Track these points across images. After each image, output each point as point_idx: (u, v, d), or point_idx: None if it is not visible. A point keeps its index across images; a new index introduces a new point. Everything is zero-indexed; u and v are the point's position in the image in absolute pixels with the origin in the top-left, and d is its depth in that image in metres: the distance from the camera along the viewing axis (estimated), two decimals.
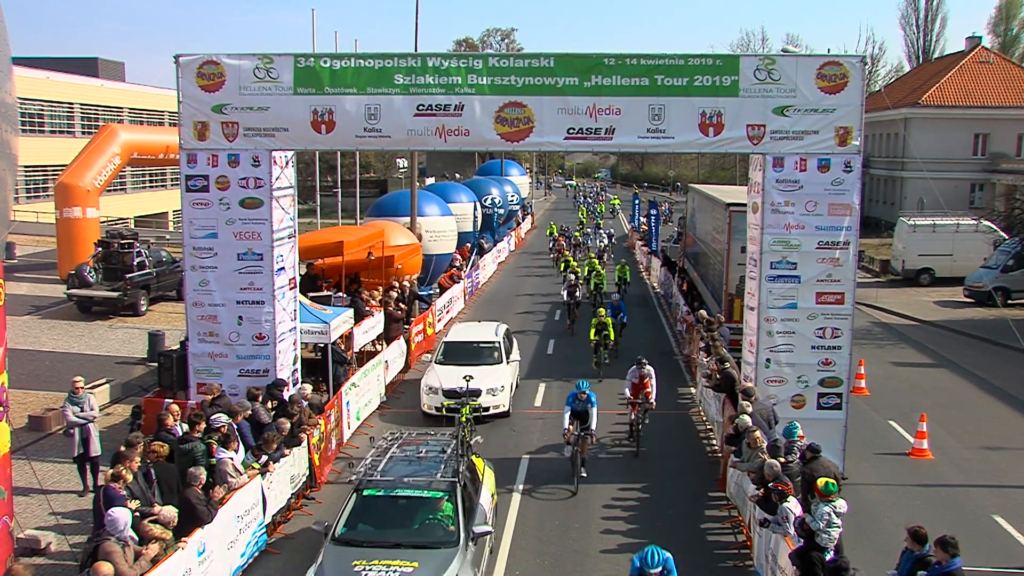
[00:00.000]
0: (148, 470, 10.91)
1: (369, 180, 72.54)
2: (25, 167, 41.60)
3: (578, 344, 22.01)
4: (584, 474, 14.60)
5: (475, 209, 36.60)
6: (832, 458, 12.82)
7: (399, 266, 24.36)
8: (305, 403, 14.22)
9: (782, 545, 10.08)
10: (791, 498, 10.33)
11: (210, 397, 13.51)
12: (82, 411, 13.51)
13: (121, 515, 9.11)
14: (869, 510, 13.32)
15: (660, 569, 8.94)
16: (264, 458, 12.00)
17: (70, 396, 13.57)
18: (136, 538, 9.34)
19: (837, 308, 14.34)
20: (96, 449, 13.55)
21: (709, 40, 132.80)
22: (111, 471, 10.39)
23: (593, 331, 21.33)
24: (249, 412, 13.17)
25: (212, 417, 12.32)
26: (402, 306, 22.58)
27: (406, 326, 21.95)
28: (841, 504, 9.88)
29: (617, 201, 76.03)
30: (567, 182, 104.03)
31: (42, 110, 45.44)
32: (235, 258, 14.54)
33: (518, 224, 53.32)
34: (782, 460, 11.36)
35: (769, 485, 10.65)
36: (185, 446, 11.63)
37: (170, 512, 9.84)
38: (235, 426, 12.47)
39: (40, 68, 45.01)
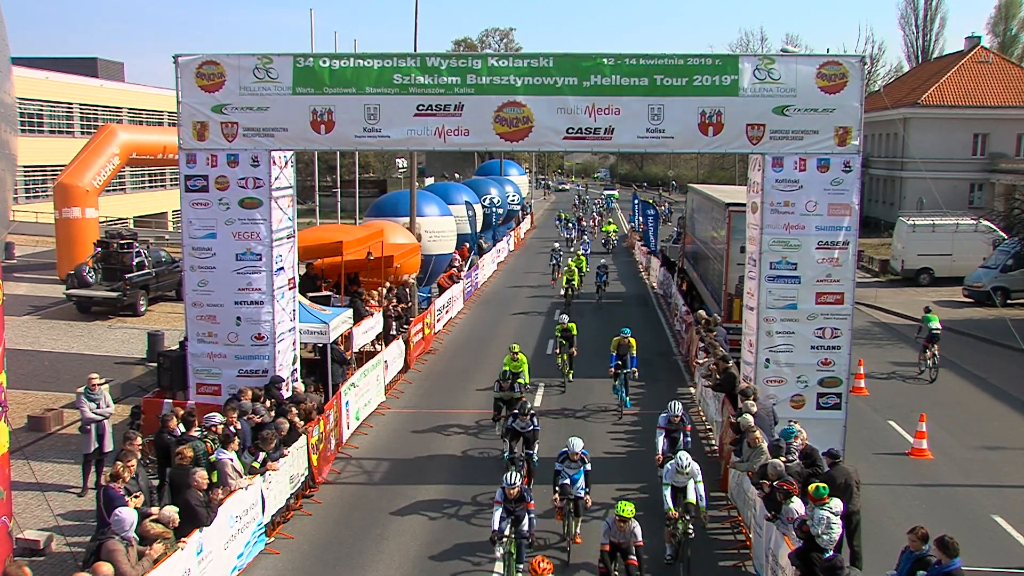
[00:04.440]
0: (159, 470, 10.92)
1: (368, 180, 72.59)
2: (24, 167, 41.62)
3: (580, 345, 21.99)
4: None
5: (467, 209, 36.40)
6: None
7: (398, 266, 24.36)
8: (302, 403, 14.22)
9: (782, 545, 10.08)
10: (795, 498, 10.33)
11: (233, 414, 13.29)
12: (98, 407, 13.51)
13: (127, 515, 9.15)
14: (869, 510, 13.26)
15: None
16: (261, 456, 12.00)
17: (86, 392, 13.55)
18: (138, 538, 9.34)
19: (837, 308, 14.33)
20: (109, 445, 13.56)
21: (708, 40, 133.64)
22: (110, 471, 10.40)
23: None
24: (250, 413, 13.15)
25: (205, 416, 12.33)
26: (402, 306, 22.60)
27: (405, 326, 21.94)
28: (836, 504, 9.89)
29: (613, 227, 54.20)
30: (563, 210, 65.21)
31: (41, 110, 45.43)
32: (234, 258, 14.53)
33: (517, 224, 53.30)
34: (783, 460, 11.38)
35: (774, 484, 10.65)
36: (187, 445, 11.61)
37: (169, 511, 9.84)
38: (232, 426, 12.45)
39: (39, 68, 45.01)
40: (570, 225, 53.79)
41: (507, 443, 14.18)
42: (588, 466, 12.25)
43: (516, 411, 14.41)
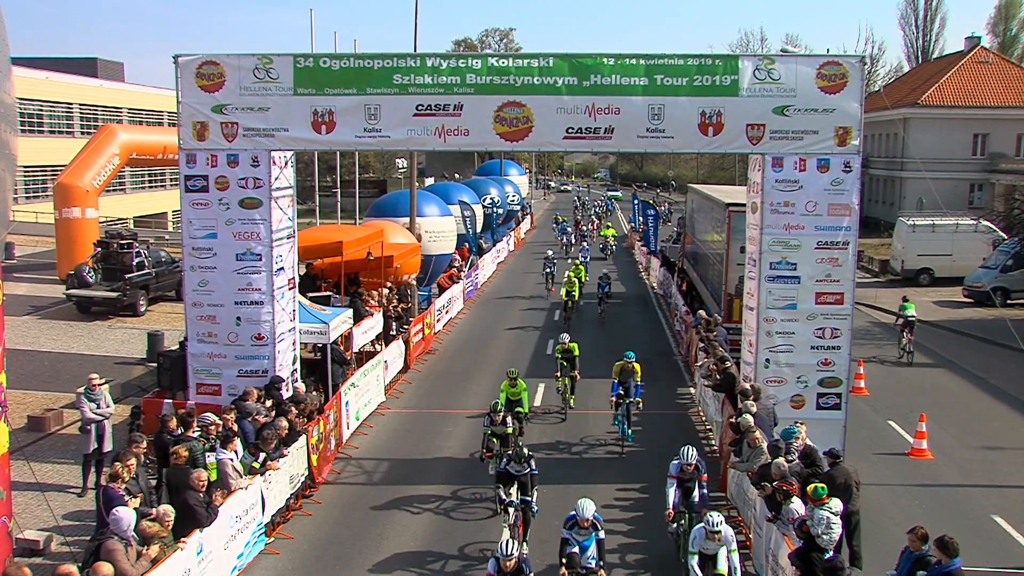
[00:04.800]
0: (158, 470, 10.92)
1: (368, 180, 72.60)
2: (24, 167, 41.60)
3: (580, 344, 21.98)
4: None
5: (464, 210, 36.33)
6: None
7: (398, 266, 24.36)
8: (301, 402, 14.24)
9: (782, 545, 10.08)
10: (795, 498, 10.34)
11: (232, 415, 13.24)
12: (98, 407, 13.50)
13: (125, 515, 9.13)
14: (869, 510, 13.27)
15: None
16: (262, 456, 12.00)
17: (87, 392, 13.52)
18: (137, 538, 9.34)
19: (836, 308, 14.34)
20: (109, 445, 13.53)
21: (708, 40, 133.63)
22: (110, 471, 10.39)
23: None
24: (254, 414, 13.16)
25: (199, 415, 12.33)
26: (402, 306, 22.59)
27: (405, 326, 21.94)
28: (836, 504, 9.88)
29: (612, 232, 48.62)
30: (561, 217, 55.57)
31: (41, 110, 45.43)
32: (234, 258, 14.53)
33: (517, 224, 53.30)
34: (782, 459, 11.37)
35: (774, 484, 10.65)
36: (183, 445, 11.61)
37: (164, 509, 9.83)
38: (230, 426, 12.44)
39: (39, 68, 45.01)
40: (568, 229, 49.82)
41: (500, 489, 12.19)
42: (601, 533, 10.36)
43: (510, 452, 12.44)
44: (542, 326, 27.62)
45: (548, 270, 34.05)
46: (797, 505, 10.25)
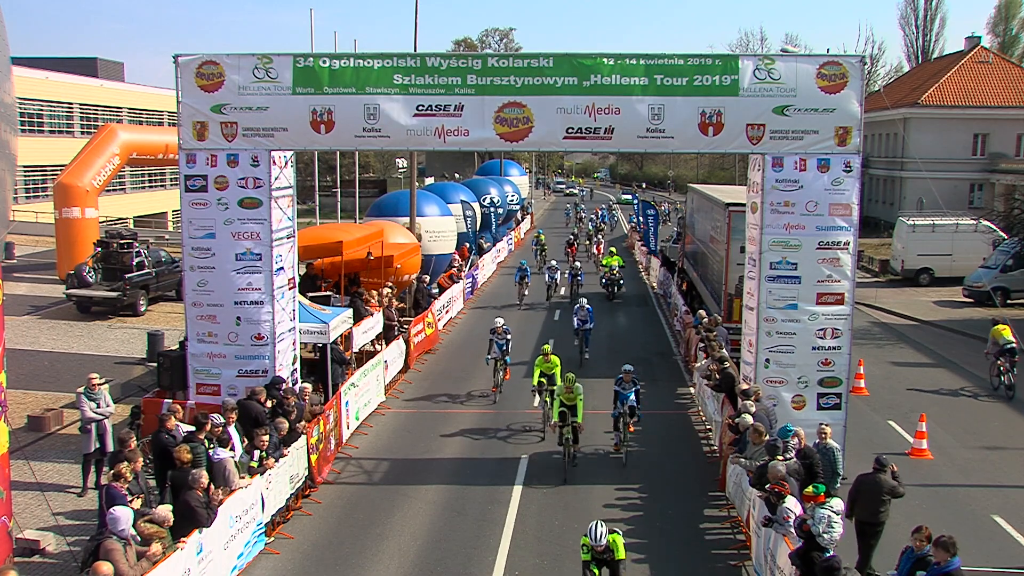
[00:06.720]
0: (156, 470, 10.92)
1: (368, 180, 72.60)
2: (24, 167, 41.63)
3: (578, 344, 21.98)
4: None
5: (464, 209, 36.20)
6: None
7: (398, 266, 24.36)
8: (305, 400, 14.24)
9: (781, 545, 10.08)
10: (789, 498, 10.34)
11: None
12: (99, 407, 13.49)
13: (122, 514, 9.11)
14: None
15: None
16: (257, 454, 11.98)
17: (86, 391, 13.50)
18: (138, 538, 9.33)
19: (837, 308, 14.33)
20: (110, 445, 13.49)
21: (708, 40, 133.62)
22: (112, 471, 10.38)
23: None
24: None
25: (199, 415, 12.32)
26: (400, 305, 22.58)
27: (405, 326, 21.94)
28: (837, 503, 9.88)
29: (617, 260, 33.49)
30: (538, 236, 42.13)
31: (41, 110, 45.44)
32: (234, 258, 14.51)
33: (517, 224, 53.28)
34: (780, 459, 11.37)
35: (767, 487, 10.65)
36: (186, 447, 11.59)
37: (163, 510, 9.82)
38: (232, 427, 12.44)
39: (39, 68, 45.05)
40: (553, 263, 33.17)
41: None
42: None
43: None
44: (541, 327, 27.36)
45: (499, 348, 19.63)
46: (790, 504, 10.25)
